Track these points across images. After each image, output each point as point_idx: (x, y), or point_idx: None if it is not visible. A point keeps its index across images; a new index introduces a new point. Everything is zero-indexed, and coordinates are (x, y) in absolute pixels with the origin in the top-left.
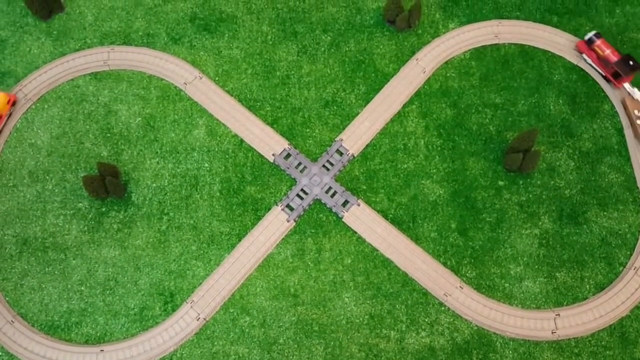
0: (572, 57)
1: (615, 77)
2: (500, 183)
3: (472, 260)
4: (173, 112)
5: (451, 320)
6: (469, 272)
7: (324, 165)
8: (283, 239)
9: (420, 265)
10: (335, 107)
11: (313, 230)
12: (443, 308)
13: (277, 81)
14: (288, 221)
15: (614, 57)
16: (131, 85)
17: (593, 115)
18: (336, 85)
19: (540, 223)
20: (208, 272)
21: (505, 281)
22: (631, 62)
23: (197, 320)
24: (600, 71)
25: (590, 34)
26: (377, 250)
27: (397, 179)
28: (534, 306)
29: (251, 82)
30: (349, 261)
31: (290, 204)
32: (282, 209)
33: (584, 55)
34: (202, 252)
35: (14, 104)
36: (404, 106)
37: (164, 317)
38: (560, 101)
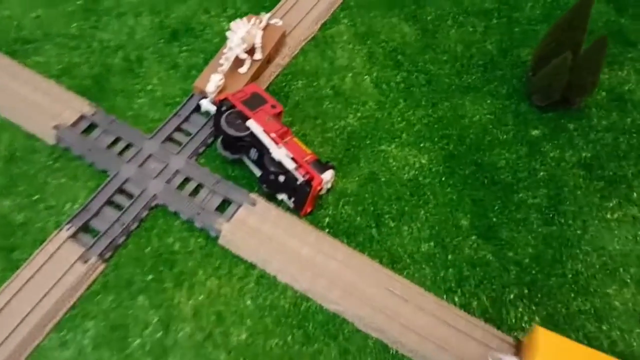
0: None
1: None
2: (535, 132)
3: (525, 289)
4: None
5: None
6: (526, 314)
7: (170, 139)
8: (74, 305)
9: (415, 319)
10: (192, 38)
11: (152, 276)
12: None
13: (74, 7)
14: (86, 261)
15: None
16: None
17: None
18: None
19: (635, 195)
20: None
21: (611, 326)
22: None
23: None
24: None
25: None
26: (308, 299)
27: (330, 147)
28: None
29: (21, 13)
30: (244, 337)
31: (93, 223)
32: (72, 236)
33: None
34: None
35: None
36: (323, 27)
37: None
38: None
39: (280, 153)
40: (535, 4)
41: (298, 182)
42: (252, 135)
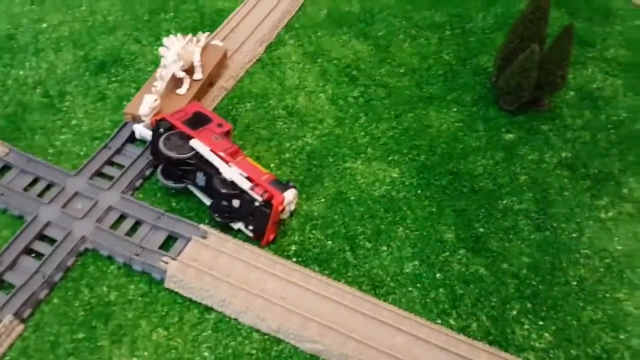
0: None
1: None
2: (509, 137)
3: (528, 303)
4: None
5: None
6: (533, 331)
7: (100, 174)
8: None
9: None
10: (121, 68)
11: (83, 334)
12: None
13: None
14: None
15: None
16: None
17: (605, 16)
18: (124, 30)
19: (625, 191)
20: None
21: (629, 334)
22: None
23: None
24: None
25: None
26: (279, 341)
27: (290, 168)
28: None
29: None
30: None
31: (7, 276)
32: None
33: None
34: None
35: None
36: (268, 49)
37: None
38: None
39: (232, 172)
40: (487, 14)
41: (256, 204)
42: (198, 156)
